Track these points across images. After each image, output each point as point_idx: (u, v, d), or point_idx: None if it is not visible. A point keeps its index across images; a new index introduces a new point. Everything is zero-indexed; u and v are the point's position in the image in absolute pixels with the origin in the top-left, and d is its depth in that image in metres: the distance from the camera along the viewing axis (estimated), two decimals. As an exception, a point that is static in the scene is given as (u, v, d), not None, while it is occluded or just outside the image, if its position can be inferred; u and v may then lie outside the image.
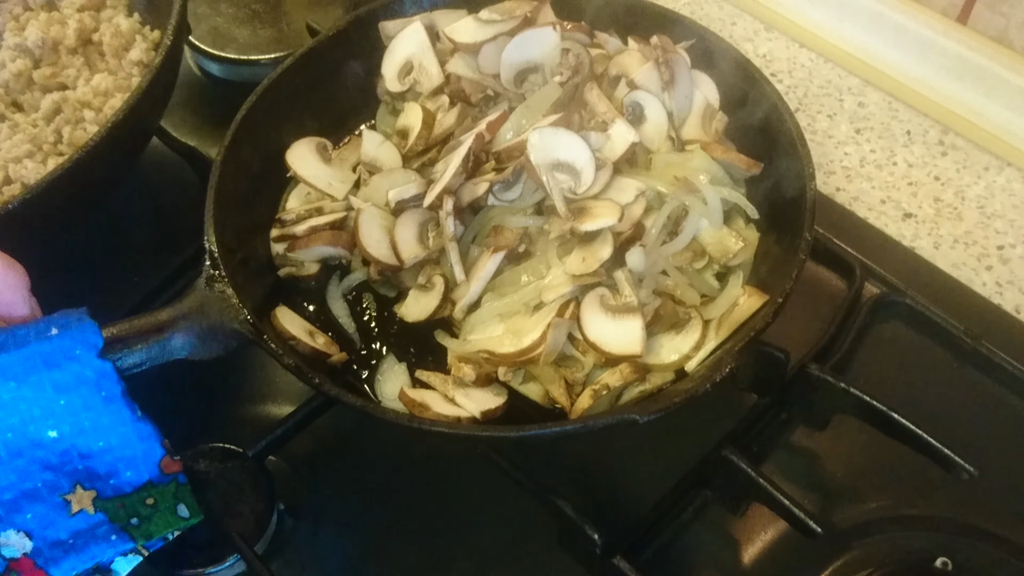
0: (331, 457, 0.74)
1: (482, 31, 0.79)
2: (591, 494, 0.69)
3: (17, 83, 0.82)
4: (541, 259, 0.71)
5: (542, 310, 0.68)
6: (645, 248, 0.69)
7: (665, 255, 0.70)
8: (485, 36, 0.79)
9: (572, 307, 0.67)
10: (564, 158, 0.70)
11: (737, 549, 0.69)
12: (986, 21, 0.95)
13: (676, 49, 0.79)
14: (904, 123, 0.99)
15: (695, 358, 0.67)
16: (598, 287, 0.68)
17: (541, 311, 0.68)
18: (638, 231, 0.70)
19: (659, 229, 0.70)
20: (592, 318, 0.66)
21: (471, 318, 0.71)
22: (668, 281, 0.70)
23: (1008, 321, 0.82)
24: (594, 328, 0.66)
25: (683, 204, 0.71)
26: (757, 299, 0.67)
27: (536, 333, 0.66)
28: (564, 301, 0.67)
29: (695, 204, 0.71)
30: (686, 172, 0.73)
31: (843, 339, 0.77)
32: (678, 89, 0.77)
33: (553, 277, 0.70)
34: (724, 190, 0.73)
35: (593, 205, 0.70)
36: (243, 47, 1.03)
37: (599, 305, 0.67)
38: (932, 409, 0.69)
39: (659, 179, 0.73)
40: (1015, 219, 0.90)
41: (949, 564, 0.66)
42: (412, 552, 0.69)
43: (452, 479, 0.73)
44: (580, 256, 0.69)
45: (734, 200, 0.73)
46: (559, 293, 0.68)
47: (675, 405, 0.59)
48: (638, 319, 0.66)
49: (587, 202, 0.70)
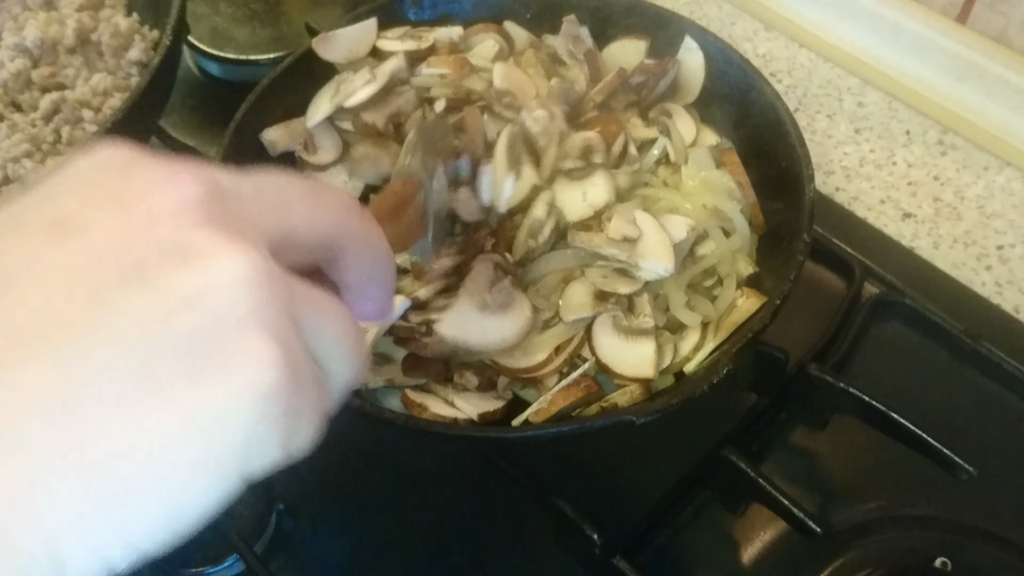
0: (330, 457, 0.74)
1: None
2: (590, 494, 0.69)
3: (15, 83, 0.82)
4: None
5: (555, 328, 0.67)
6: (669, 274, 0.67)
7: (684, 279, 0.69)
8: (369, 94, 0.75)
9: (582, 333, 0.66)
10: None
11: (736, 549, 0.69)
12: (986, 21, 0.94)
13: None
14: (903, 123, 0.99)
15: (694, 360, 0.67)
16: (612, 309, 0.66)
17: (553, 329, 0.67)
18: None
19: (683, 256, 0.69)
20: (604, 339, 0.65)
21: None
22: (681, 299, 0.68)
23: (1008, 321, 0.82)
24: (606, 349, 0.65)
25: (705, 230, 0.70)
26: (756, 300, 0.67)
27: (544, 353, 0.66)
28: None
29: (719, 234, 0.70)
30: (714, 194, 0.72)
31: (843, 339, 0.77)
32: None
33: (574, 294, 0.67)
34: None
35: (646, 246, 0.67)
36: (242, 47, 1.03)
37: (612, 326, 0.65)
38: (932, 409, 0.69)
39: (691, 204, 0.72)
40: (1015, 219, 0.90)
41: (949, 564, 0.66)
42: (411, 552, 0.69)
43: (451, 479, 0.73)
44: (602, 273, 0.67)
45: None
46: (579, 315, 0.66)
47: (673, 407, 0.59)
48: (651, 342, 0.65)
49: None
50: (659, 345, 0.65)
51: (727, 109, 0.80)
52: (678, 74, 0.81)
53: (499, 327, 0.64)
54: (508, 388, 0.67)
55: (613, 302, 0.66)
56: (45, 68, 0.83)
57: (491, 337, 0.64)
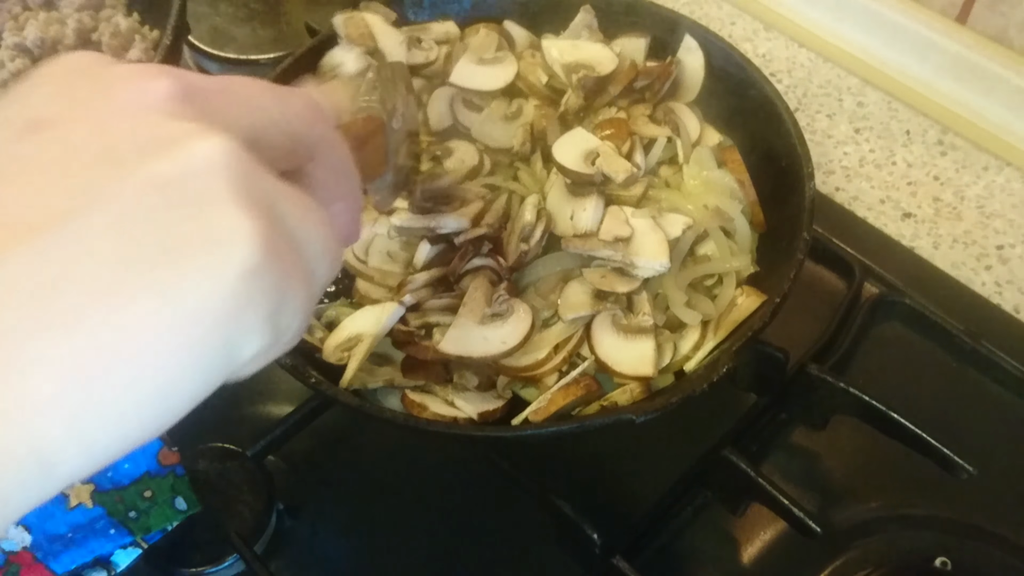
0: (331, 457, 0.74)
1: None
2: (590, 494, 0.69)
3: (16, 83, 0.82)
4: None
5: (554, 327, 0.67)
6: (668, 272, 0.67)
7: (684, 279, 0.69)
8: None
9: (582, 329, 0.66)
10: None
11: (736, 549, 0.69)
12: (985, 21, 0.94)
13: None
14: (903, 123, 0.99)
15: (693, 358, 0.67)
16: (611, 308, 0.66)
17: (553, 328, 0.67)
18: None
19: (682, 256, 0.69)
20: (604, 338, 0.65)
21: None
22: (681, 298, 0.68)
23: (1008, 321, 0.82)
24: (606, 348, 0.65)
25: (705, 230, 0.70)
26: (755, 299, 0.67)
27: (544, 351, 0.65)
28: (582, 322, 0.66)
29: (719, 234, 0.70)
30: (716, 193, 0.73)
31: (842, 339, 0.77)
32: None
33: (573, 293, 0.68)
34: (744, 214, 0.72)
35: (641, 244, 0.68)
36: (242, 47, 1.03)
37: (611, 325, 0.65)
38: (932, 409, 0.69)
39: (693, 204, 0.72)
40: (1014, 219, 0.90)
41: (949, 564, 0.66)
42: (411, 552, 0.69)
43: (451, 479, 0.72)
44: (600, 272, 0.67)
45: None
46: (578, 314, 0.66)
47: (672, 405, 0.59)
48: (651, 340, 0.65)
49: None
50: (659, 344, 0.65)
51: (727, 108, 0.80)
52: (678, 73, 0.81)
53: (500, 335, 0.65)
54: (508, 387, 0.67)
55: (612, 301, 0.66)
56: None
57: (493, 345, 0.64)
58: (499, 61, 0.80)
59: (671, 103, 0.80)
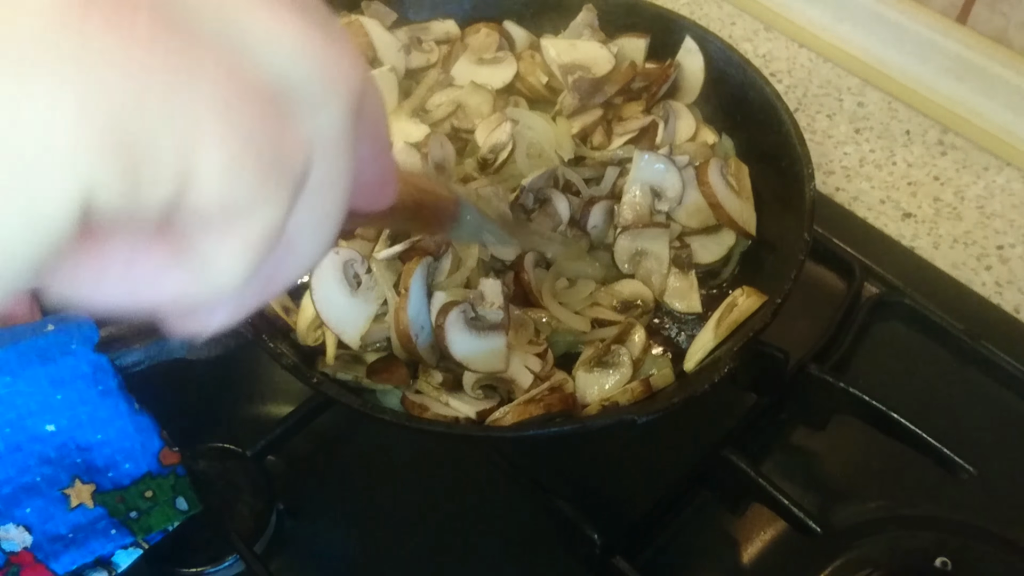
0: (331, 457, 0.74)
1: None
2: (590, 494, 0.69)
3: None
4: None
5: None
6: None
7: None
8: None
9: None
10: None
11: (737, 549, 0.69)
12: (986, 21, 0.95)
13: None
14: (903, 123, 0.99)
15: (694, 358, 0.67)
16: (461, 303, 0.65)
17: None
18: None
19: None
20: (456, 336, 0.65)
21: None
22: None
23: (1008, 321, 0.82)
24: (459, 346, 0.64)
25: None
26: (756, 299, 0.67)
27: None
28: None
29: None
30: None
31: (843, 339, 0.77)
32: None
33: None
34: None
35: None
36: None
37: (463, 322, 0.65)
38: (932, 409, 0.69)
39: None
40: (1015, 219, 0.90)
41: (949, 564, 0.66)
42: (411, 552, 0.69)
43: (451, 479, 0.72)
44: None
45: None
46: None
47: (673, 406, 0.59)
48: (502, 336, 0.64)
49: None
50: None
51: (727, 109, 0.80)
52: (678, 75, 0.81)
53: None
54: (476, 387, 0.67)
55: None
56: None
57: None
58: (499, 61, 0.80)
59: (671, 102, 0.80)
